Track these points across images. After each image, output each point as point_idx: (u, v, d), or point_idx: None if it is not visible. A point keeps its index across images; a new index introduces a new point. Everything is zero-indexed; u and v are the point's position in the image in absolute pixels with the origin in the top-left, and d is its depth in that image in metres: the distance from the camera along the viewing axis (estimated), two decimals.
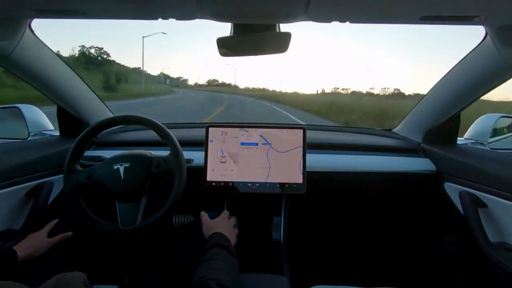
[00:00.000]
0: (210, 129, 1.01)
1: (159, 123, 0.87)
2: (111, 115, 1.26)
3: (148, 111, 9.26)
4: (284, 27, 0.75)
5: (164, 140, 0.86)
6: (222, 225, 0.78)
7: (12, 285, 0.40)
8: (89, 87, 1.16)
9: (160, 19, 0.66)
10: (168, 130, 0.86)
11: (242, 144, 1.01)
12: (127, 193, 0.82)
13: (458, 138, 1.16)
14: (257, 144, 1.01)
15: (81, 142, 0.86)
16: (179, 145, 0.85)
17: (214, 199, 1.07)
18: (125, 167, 0.82)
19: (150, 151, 0.89)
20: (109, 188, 0.82)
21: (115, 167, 0.82)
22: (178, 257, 0.76)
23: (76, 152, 0.86)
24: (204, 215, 0.82)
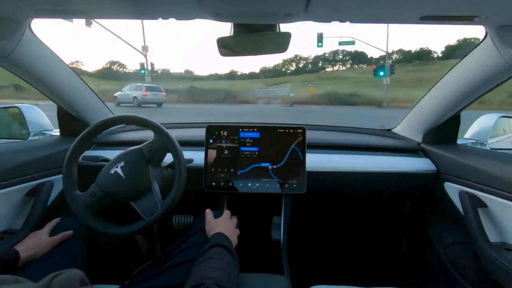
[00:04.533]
0: (210, 129, 1.01)
1: (158, 123, 0.87)
2: (111, 115, 1.26)
3: None
4: (284, 27, 0.75)
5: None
6: (225, 225, 0.78)
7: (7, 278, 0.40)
8: (89, 87, 1.16)
9: (160, 19, 0.66)
10: (167, 130, 0.86)
11: (241, 144, 1.01)
12: (136, 189, 0.82)
13: (458, 138, 1.16)
14: (257, 146, 1.01)
15: (81, 141, 0.86)
16: (179, 145, 0.85)
17: (214, 199, 1.07)
18: (121, 167, 0.82)
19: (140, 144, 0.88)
20: (117, 193, 0.81)
21: (112, 172, 0.82)
22: (179, 256, 0.76)
23: (74, 154, 0.84)
24: (208, 214, 0.82)
